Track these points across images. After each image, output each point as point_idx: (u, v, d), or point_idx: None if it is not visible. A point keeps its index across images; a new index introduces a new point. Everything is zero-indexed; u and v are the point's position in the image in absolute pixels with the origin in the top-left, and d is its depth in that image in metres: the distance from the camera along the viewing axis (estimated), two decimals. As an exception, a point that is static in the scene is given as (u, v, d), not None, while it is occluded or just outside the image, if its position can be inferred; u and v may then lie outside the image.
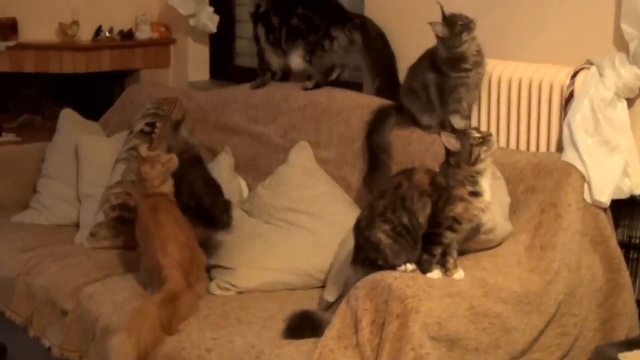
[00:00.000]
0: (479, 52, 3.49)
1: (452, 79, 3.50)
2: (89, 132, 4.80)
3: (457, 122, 3.49)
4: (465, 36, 3.44)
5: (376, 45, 4.11)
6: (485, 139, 2.84)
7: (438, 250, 2.88)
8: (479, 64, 3.50)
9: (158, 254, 3.37)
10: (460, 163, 2.85)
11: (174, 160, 3.55)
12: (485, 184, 2.86)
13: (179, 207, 3.55)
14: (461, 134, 2.86)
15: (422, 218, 2.88)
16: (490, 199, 2.88)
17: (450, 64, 3.50)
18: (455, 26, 3.42)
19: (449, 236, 2.87)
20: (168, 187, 3.55)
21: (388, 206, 2.93)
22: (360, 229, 2.99)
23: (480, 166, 2.84)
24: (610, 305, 3.22)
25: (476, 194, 2.84)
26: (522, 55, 3.56)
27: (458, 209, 2.84)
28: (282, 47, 4.25)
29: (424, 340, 2.67)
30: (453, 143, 2.85)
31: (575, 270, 3.11)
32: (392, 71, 4.05)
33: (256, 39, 4.40)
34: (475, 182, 2.84)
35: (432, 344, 2.69)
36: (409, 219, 2.89)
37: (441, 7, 3.42)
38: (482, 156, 2.84)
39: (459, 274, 2.88)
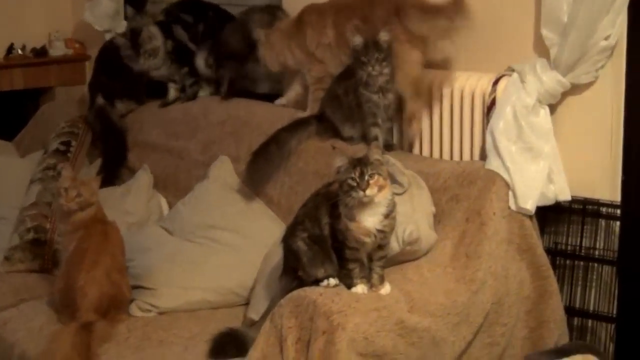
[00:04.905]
0: (389, 81, 3.39)
1: (363, 95, 3.45)
2: (2, 153, 4.74)
3: (376, 134, 3.45)
4: (369, 65, 3.33)
5: None
6: (356, 189, 2.65)
7: (352, 265, 2.78)
8: (388, 90, 3.41)
9: (77, 293, 3.29)
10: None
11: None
12: (362, 214, 2.71)
13: None
14: (352, 164, 2.69)
15: (326, 228, 2.82)
16: (372, 226, 2.73)
17: (359, 80, 3.43)
18: (368, 52, 3.34)
19: (348, 252, 2.77)
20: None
21: (307, 214, 2.88)
22: (285, 238, 2.95)
23: (349, 201, 2.69)
24: (538, 313, 3.21)
25: (349, 218, 2.73)
26: (443, 64, 3.54)
27: (341, 224, 2.75)
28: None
29: (352, 357, 2.63)
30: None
31: (502, 279, 3.09)
32: None
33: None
34: (347, 208, 2.72)
35: (360, 361, 2.65)
36: (319, 227, 2.83)
37: None
38: (347, 199, 2.68)
39: (385, 289, 2.82)
